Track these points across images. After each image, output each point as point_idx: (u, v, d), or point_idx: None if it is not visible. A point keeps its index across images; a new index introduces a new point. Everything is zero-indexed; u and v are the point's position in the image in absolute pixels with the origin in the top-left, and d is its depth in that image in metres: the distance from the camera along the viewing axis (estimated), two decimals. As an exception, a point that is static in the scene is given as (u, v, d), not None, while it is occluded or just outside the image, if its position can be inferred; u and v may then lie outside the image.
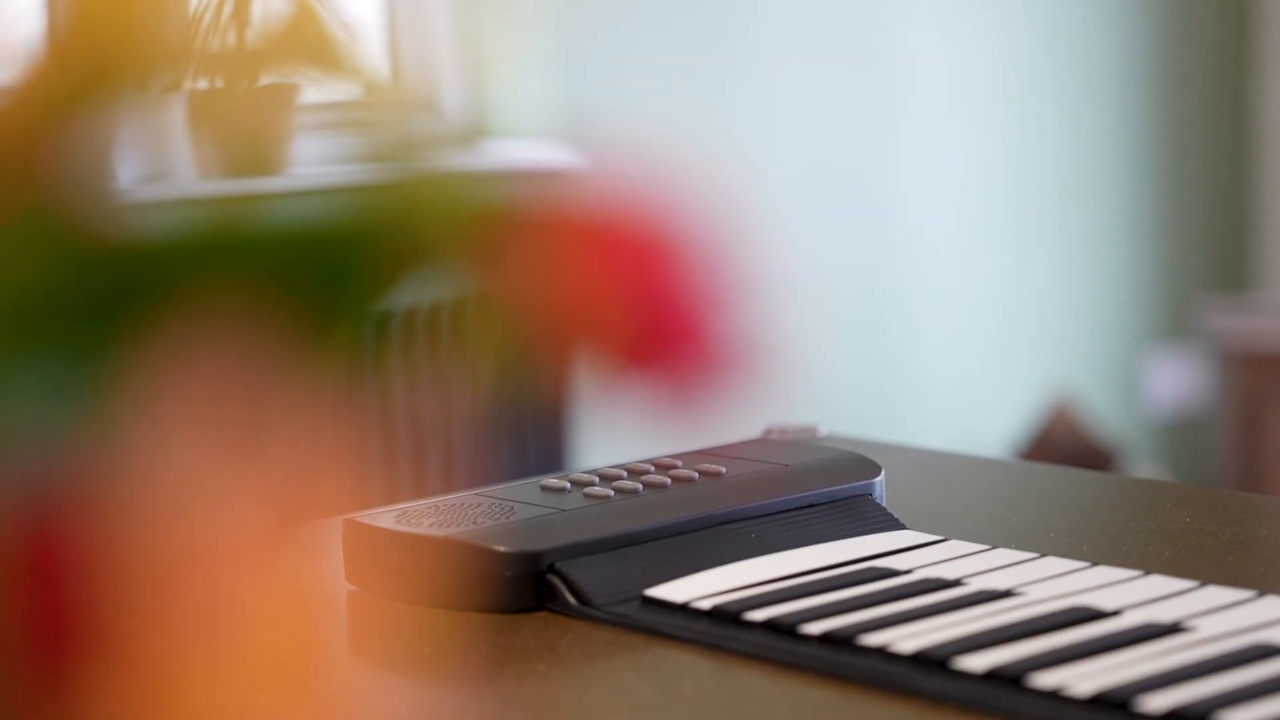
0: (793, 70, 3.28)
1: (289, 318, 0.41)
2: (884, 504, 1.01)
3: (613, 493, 0.95)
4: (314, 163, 0.49)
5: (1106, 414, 3.78)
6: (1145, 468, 3.76)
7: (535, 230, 0.39)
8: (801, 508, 0.97)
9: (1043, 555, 0.93)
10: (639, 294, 0.38)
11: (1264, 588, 0.88)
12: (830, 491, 0.98)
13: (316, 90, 0.45)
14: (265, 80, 0.49)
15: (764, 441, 1.07)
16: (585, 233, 0.39)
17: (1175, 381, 3.88)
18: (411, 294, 0.44)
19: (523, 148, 2.81)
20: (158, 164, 0.46)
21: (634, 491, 0.96)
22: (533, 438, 2.65)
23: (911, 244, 3.47)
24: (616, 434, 2.95)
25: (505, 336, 0.39)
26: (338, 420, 0.41)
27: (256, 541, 0.41)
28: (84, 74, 0.40)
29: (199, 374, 0.40)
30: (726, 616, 0.85)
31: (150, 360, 0.40)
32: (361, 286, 0.41)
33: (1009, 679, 0.76)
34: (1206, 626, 0.81)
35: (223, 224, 0.41)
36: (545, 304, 0.38)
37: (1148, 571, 0.91)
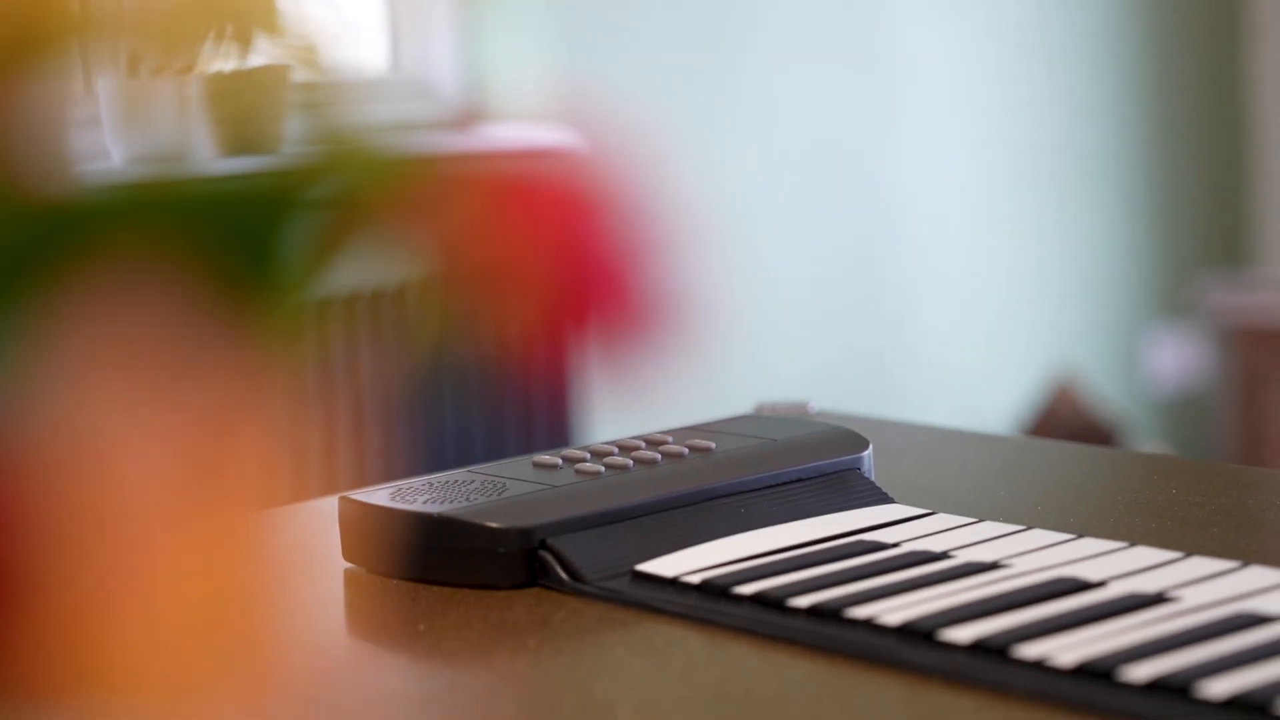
0: (794, 49, 3.28)
1: (215, 276, 0.41)
2: (873, 478, 1.02)
3: (604, 469, 0.96)
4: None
5: (1108, 392, 3.79)
6: (1147, 445, 3.77)
7: (475, 191, 0.39)
8: (790, 482, 0.98)
9: (1029, 528, 0.94)
10: (575, 252, 0.39)
11: (1249, 558, 0.89)
12: (819, 466, 0.99)
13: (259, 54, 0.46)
14: (254, 61, 0.50)
15: (754, 417, 1.07)
16: (523, 192, 0.39)
17: (1176, 359, 3.88)
18: (354, 275, 0.45)
19: (506, 128, 2.81)
20: (145, 143, 0.47)
21: (625, 467, 0.96)
22: (539, 415, 2.65)
23: (912, 224, 3.47)
24: (614, 410, 2.95)
25: (450, 307, 0.39)
26: (264, 376, 0.42)
27: (187, 486, 0.42)
28: (21, 35, 0.41)
29: (124, 328, 0.41)
30: (716, 591, 0.86)
31: (75, 315, 0.41)
32: (292, 245, 0.41)
33: (994, 650, 0.77)
34: (1191, 597, 0.82)
35: (152, 183, 0.41)
36: (488, 264, 0.39)
37: (1134, 543, 0.92)
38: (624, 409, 3.04)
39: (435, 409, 2.53)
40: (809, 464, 0.99)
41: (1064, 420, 3.40)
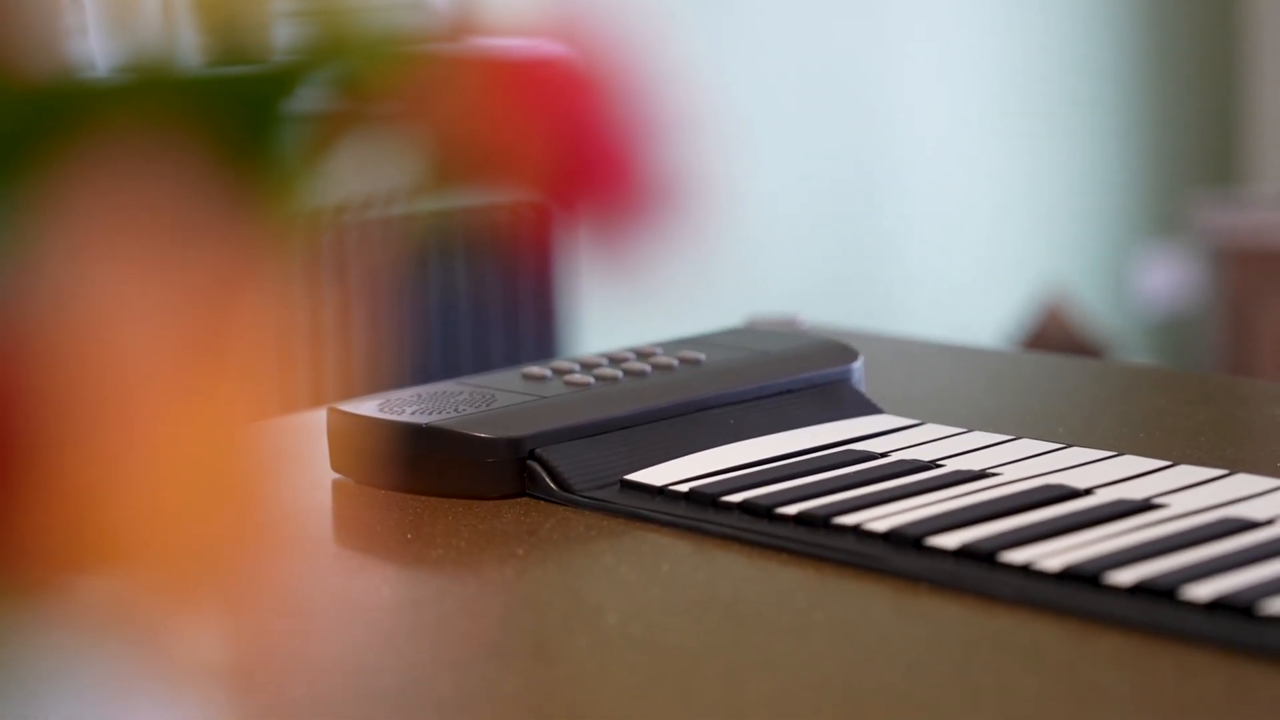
0: (782, -32, 3.26)
1: (213, 162, 0.41)
2: (862, 390, 1.02)
3: (593, 380, 0.96)
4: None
5: (1098, 312, 3.79)
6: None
7: (469, 78, 0.39)
8: (780, 393, 0.98)
9: (1018, 437, 0.94)
10: (571, 140, 0.39)
11: (1236, 466, 0.89)
12: (808, 377, 0.99)
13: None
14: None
15: (744, 330, 1.07)
16: (519, 82, 0.39)
17: (1167, 278, 3.89)
18: (346, 181, 0.44)
19: (498, 41, 2.80)
20: (130, 52, 0.46)
21: (614, 379, 0.96)
22: (525, 329, 2.65)
23: (905, 140, 3.47)
24: (603, 324, 2.95)
25: (441, 205, 0.39)
26: (257, 267, 0.42)
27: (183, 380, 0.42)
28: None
29: (123, 206, 0.41)
30: (704, 499, 0.86)
31: (73, 194, 0.41)
32: (288, 136, 0.41)
33: (981, 556, 0.77)
34: (1178, 503, 0.82)
35: (150, 64, 0.41)
36: (481, 154, 0.39)
37: (1121, 452, 0.92)
38: (613, 322, 3.04)
39: (422, 320, 2.53)
40: (798, 375, 0.99)
41: (1053, 340, 3.41)
